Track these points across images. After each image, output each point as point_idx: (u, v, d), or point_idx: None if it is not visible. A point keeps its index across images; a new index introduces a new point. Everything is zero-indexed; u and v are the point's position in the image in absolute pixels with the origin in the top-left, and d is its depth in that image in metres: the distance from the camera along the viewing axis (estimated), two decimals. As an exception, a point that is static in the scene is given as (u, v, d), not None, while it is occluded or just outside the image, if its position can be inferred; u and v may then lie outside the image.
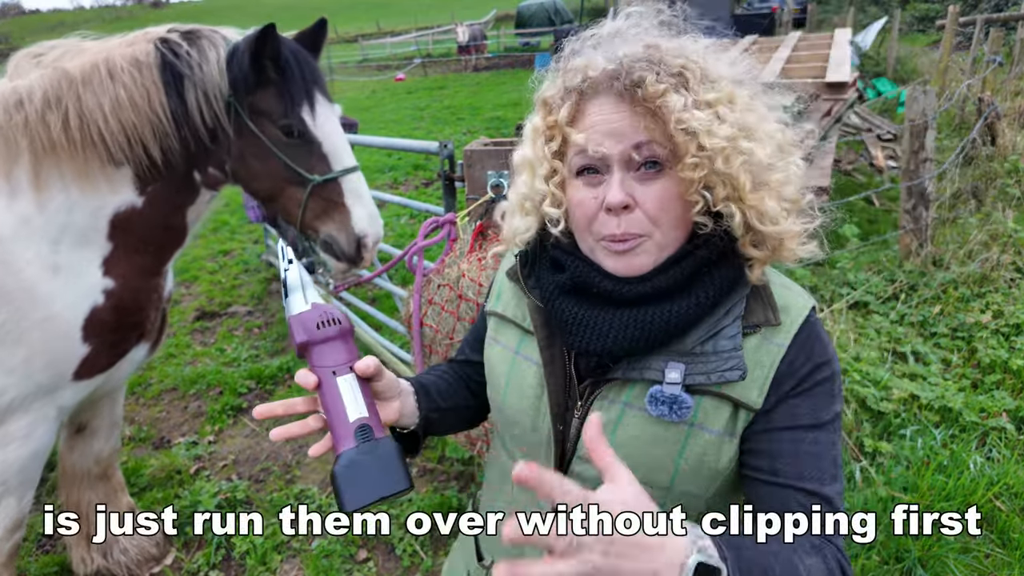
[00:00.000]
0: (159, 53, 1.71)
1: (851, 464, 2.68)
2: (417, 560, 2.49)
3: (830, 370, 0.86)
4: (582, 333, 0.85)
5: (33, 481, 1.89)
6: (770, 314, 0.85)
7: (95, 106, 1.65)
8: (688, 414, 0.82)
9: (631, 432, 0.85)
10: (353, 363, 0.84)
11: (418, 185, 8.04)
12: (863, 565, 2.25)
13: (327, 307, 0.86)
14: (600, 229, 0.84)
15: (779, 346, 0.83)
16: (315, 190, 1.86)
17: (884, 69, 13.26)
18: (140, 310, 1.89)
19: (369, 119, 12.86)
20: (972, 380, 3.30)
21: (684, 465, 0.84)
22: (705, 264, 0.83)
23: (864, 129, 8.43)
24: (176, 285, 5.37)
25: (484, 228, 2.07)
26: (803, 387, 0.84)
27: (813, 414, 0.84)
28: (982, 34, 12.23)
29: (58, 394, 1.79)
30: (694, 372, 0.82)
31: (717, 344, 0.82)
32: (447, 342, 2.02)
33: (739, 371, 0.81)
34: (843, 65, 5.31)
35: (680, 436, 0.83)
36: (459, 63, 22.81)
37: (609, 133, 0.81)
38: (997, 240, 4.44)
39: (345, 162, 1.90)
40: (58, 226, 1.70)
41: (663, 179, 0.81)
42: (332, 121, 1.89)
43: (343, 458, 0.78)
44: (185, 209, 1.88)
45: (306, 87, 1.81)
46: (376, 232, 1.93)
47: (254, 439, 3.29)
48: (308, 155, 1.85)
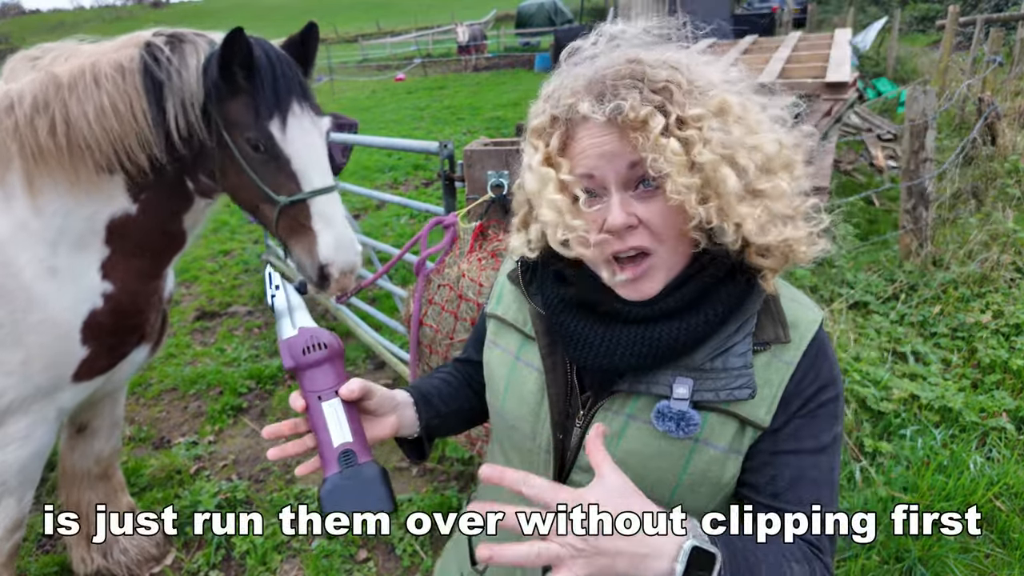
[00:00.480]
0: (142, 59, 1.66)
1: (851, 464, 2.68)
2: (417, 560, 2.49)
3: (835, 391, 0.85)
4: (587, 349, 0.84)
5: (33, 482, 1.89)
6: (780, 331, 0.83)
7: (80, 113, 1.62)
8: (695, 431, 0.80)
9: (634, 445, 0.84)
10: (339, 387, 0.85)
11: (418, 185, 8.04)
12: (863, 565, 2.25)
13: (315, 331, 0.87)
14: (605, 248, 0.83)
15: (788, 364, 0.82)
16: (284, 210, 1.75)
17: (884, 69, 13.26)
18: (139, 313, 1.88)
19: (369, 119, 12.86)
20: (972, 380, 3.30)
21: (687, 480, 0.83)
22: (713, 282, 0.82)
23: (864, 129, 8.42)
24: (176, 285, 5.35)
25: (484, 228, 2.07)
26: (808, 408, 0.83)
27: (816, 437, 0.83)
28: (982, 34, 12.22)
29: (57, 396, 1.79)
30: (702, 388, 0.80)
31: (727, 361, 0.81)
32: (447, 342, 2.02)
33: (749, 389, 0.79)
34: (843, 65, 5.32)
35: (685, 451, 0.82)
36: (459, 63, 22.81)
37: (601, 156, 0.80)
38: (997, 240, 4.44)
39: (315, 182, 1.75)
40: (55, 230, 1.69)
41: (660, 196, 0.79)
42: (308, 135, 1.74)
43: (328, 482, 0.81)
44: (181, 216, 1.84)
45: (277, 97, 1.68)
46: (345, 260, 1.77)
47: (254, 439, 3.29)
48: (276, 172, 1.72)
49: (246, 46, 1.61)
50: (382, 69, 24.11)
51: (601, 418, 0.86)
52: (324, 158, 1.78)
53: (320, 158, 1.77)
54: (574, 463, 0.89)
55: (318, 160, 1.76)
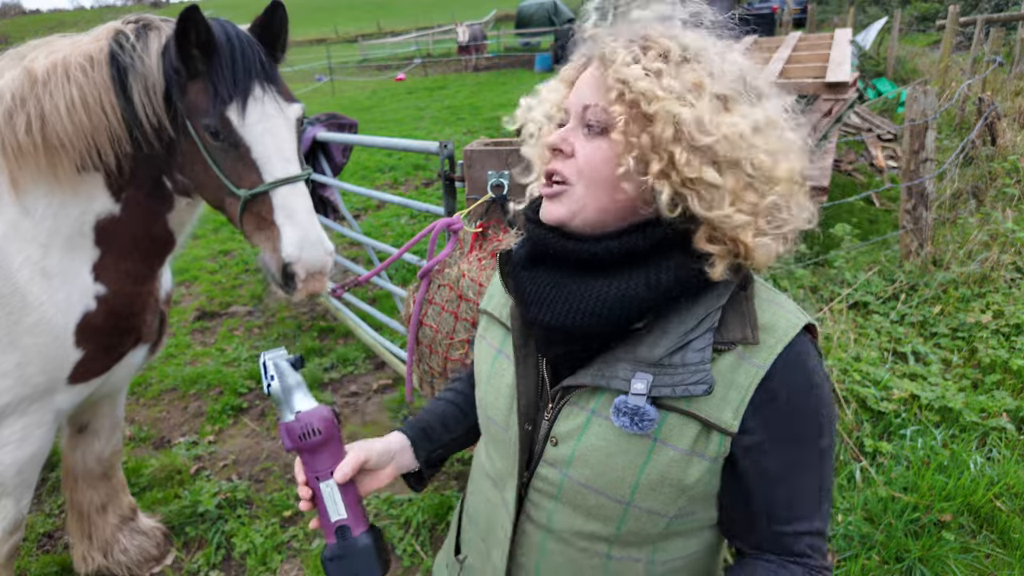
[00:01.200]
0: (109, 47, 1.59)
1: (851, 464, 2.68)
2: (417, 560, 2.49)
3: (816, 401, 0.81)
4: (536, 304, 0.86)
5: (31, 483, 1.88)
6: (748, 332, 0.80)
7: (52, 108, 1.56)
8: (651, 427, 0.79)
9: (596, 441, 0.84)
10: (334, 468, 0.94)
11: (418, 185, 8.04)
12: (863, 565, 2.25)
13: (311, 416, 0.94)
14: (546, 167, 0.89)
15: (758, 367, 0.79)
16: (248, 205, 1.62)
17: (884, 69, 13.26)
18: (134, 315, 1.86)
19: (369, 119, 12.87)
20: (972, 380, 3.30)
21: (645, 480, 0.82)
22: (648, 245, 0.81)
23: (864, 129, 8.43)
24: (176, 285, 5.37)
25: (484, 228, 2.07)
26: (783, 420, 0.80)
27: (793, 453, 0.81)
28: (982, 34, 12.23)
29: (54, 398, 1.79)
30: (660, 384, 0.79)
31: (686, 356, 0.79)
32: (447, 342, 2.02)
33: (704, 385, 0.77)
34: (843, 65, 5.31)
35: (644, 449, 0.81)
36: (459, 63, 22.81)
37: (578, 92, 0.87)
38: (997, 240, 4.44)
39: (276, 172, 1.59)
40: (46, 231, 1.67)
41: (602, 140, 0.83)
42: (270, 120, 1.60)
43: (327, 550, 0.94)
44: (165, 217, 1.78)
45: (235, 79, 1.55)
46: (312, 259, 1.62)
47: (254, 439, 3.29)
48: (236, 162, 1.60)
49: (202, 25, 1.50)
50: (382, 69, 24.11)
51: (567, 412, 0.87)
52: (289, 145, 1.64)
53: (283, 145, 1.62)
54: (541, 456, 0.89)
55: (280, 147, 1.61)
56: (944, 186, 5.67)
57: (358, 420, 3.40)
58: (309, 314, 4.64)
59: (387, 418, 3.38)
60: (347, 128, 4.44)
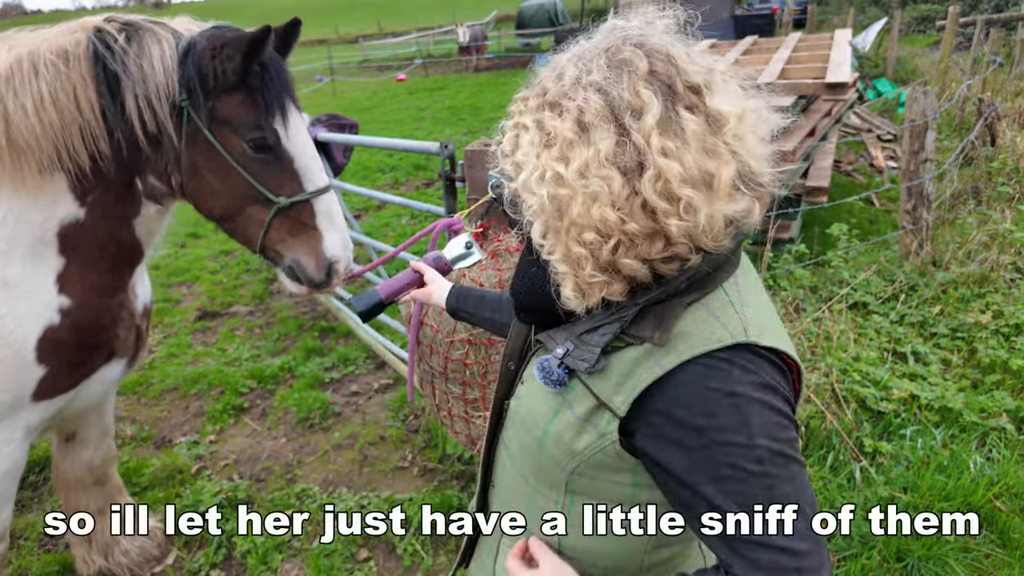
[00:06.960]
0: (90, 44, 1.53)
1: (851, 464, 2.68)
2: (418, 560, 2.49)
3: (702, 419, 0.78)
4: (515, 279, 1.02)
5: (9, 496, 1.84)
6: (657, 333, 0.82)
7: (16, 107, 1.50)
8: (559, 388, 0.91)
9: (530, 389, 1.00)
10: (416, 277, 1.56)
11: (419, 185, 8.05)
12: (863, 565, 2.25)
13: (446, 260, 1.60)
14: None
15: (661, 368, 0.81)
16: (281, 211, 1.70)
17: (884, 70, 13.27)
18: (103, 329, 1.78)
19: (370, 120, 12.87)
20: (972, 380, 3.30)
21: (552, 429, 0.94)
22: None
23: (864, 130, 8.44)
24: (177, 285, 5.37)
25: (485, 228, 2.07)
26: (666, 422, 0.81)
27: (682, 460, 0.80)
28: (982, 35, 12.23)
29: (20, 415, 1.71)
30: (572, 355, 0.90)
31: (592, 337, 0.88)
32: (447, 342, 2.03)
33: (586, 363, 0.87)
34: (843, 66, 5.31)
35: (555, 404, 0.93)
36: (460, 64, 22.81)
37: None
38: (996, 240, 4.44)
39: (318, 181, 1.72)
40: (5, 238, 1.59)
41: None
42: (304, 134, 1.72)
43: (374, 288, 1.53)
44: (131, 221, 1.73)
45: (280, 96, 1.64)
46: (349, 257, 1.81)
47: (255, 439, 3.30)
48: (277, 172, 1.68)
49: (271, 44, 1.58)
50: (383, 70, 24.12)
51: (532, 361, 1.02)
52: (317, 156, 1.78)
53: (316, 156, 1.76)
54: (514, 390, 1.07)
55: (316, 158, 1.75)
56: (944, 186, 5.67)
57: (359, 420, 3.41)
58: (310, 314, 4.64)
59: (388, 417, 3.39)
60: (348, 129, 4.45)
